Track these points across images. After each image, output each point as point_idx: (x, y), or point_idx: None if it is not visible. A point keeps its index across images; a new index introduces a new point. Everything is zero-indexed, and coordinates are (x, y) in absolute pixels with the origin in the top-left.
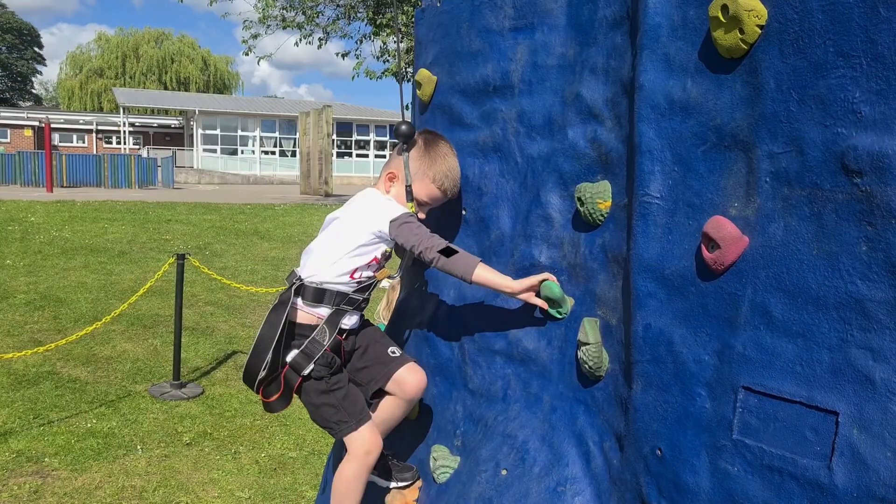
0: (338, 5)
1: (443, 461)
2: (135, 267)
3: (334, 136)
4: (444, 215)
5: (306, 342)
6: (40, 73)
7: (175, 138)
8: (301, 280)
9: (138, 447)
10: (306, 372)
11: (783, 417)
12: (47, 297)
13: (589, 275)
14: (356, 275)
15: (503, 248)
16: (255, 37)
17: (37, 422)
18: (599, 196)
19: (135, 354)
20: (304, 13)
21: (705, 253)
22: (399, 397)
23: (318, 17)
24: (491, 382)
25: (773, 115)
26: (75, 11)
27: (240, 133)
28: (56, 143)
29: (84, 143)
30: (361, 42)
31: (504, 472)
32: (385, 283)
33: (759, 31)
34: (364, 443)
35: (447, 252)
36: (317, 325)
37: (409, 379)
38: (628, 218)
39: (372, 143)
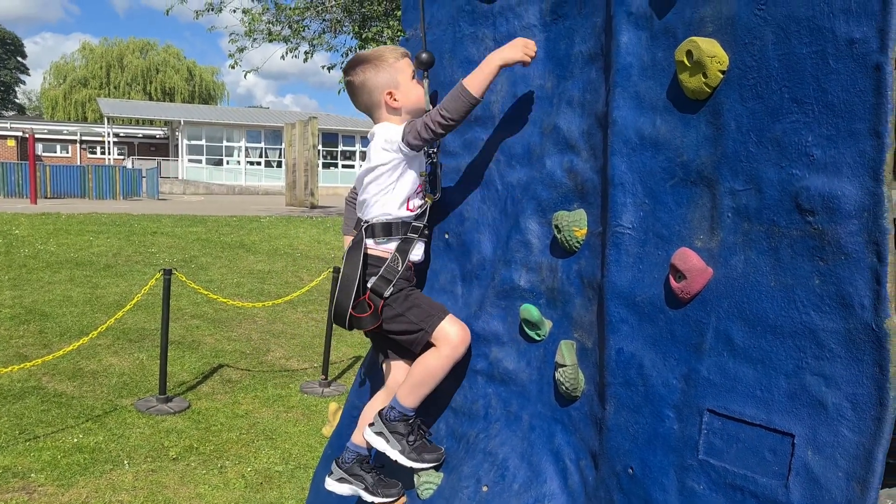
0: (324, 19)
1: (426, 477)
2: (120, 280)
3: (320, 147)
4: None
5: (383, 269)
6: (24, 83)
7: (160, 149)
8: (368, 221)
9: (125, 462)
10: (388, 293)
11: (745, 439)
12: (32, 311)
13: (566, 299)
14: (411, 204)
15: (484, 272)
16: (241, 50)
17: (23, 437)
18: (575, 224)
19: (121, 369)
20: (290, 27)
21: (673, 282)
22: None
23: (304, 30)
24: (473, 401)
25: (734, 154)
26: (59, 20)
27: (225, 143)
28: (40, 154)
29: (68, 153)
30: (347, 55)
31: (485, 489)
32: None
33: (721, 76)
34: (454, 332)
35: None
36: (386, 257)
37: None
38: (602, 246)
39: (358, 154)
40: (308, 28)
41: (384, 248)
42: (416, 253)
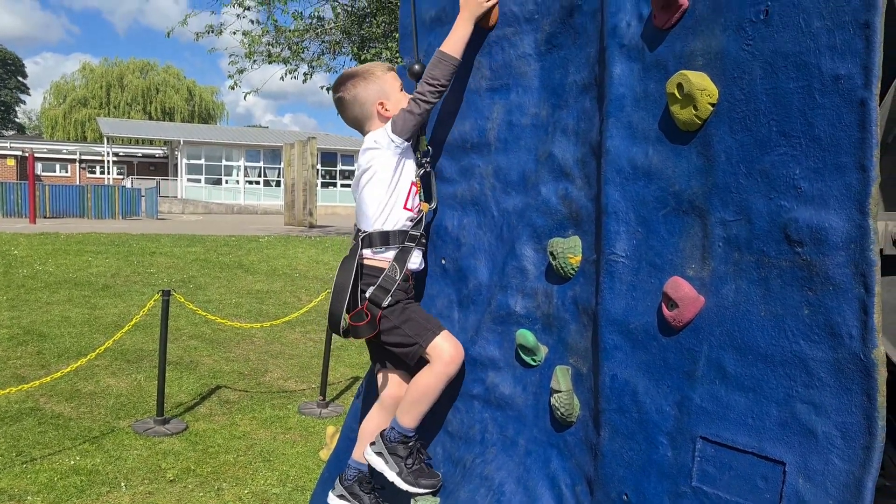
0: (323, 41)
1: (423, 501)
2: (119, 301)
3: (319, 167)
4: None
5: (381, 279)
6: (24, 103)
7: (159, 168)
8: (366, 231)
9: (122, 484)
10: (385, 303)
11: (737, 466)
12: (30, 331)
13: (561, 325)
14: (409, 203)
15: (480, 297)
16: (240, 72)
17: (19, 459)
18: (570, 251)
19: (118, 390)
20: (289, 48)
21: (665, 310)
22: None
23: (303, 52)
24: (469, 426)
25: (724, 185)
26: (60, 41)
27: (224, 163)
28: (39, 173)
29: (67, 172)
30: None
31: None
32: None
33: (711, 109)
34: (447, 349)
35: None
36: (383, 268)
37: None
38: (596, 273)
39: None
40: (307, 50)
41: (382, 258)
42: (414, 261)
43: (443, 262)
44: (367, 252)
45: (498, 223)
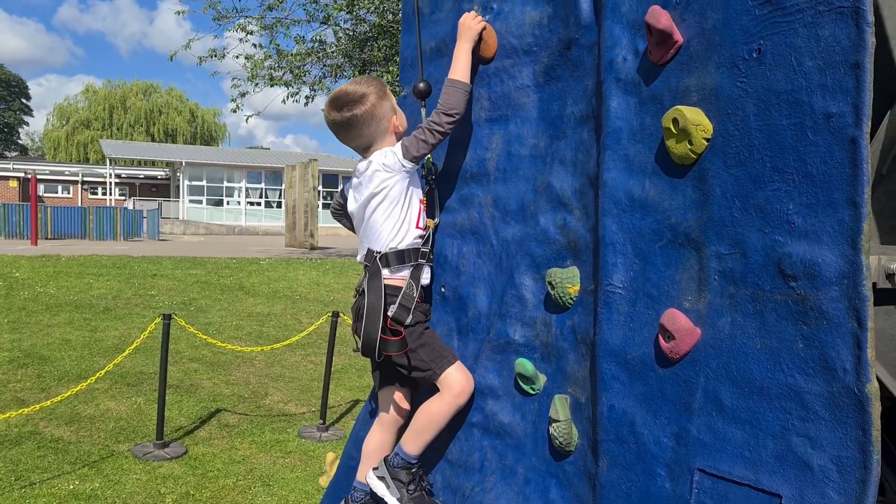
0: (324, 65)
1: None
2: (119, 323)
3: (320, 188)
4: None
5: (400, 297)
6: (27, 124)
7: (161, 189)
8: (380, 252)
9: None
10: (408, 321)
11: (734, 499)
12: (31, 354)
13: (560, 354)
14: (420, 222)
15: (479, 326)
16: (243, 95)
17: (18, 484)
18: (568, 281)
19: (118, 413)
20: (291, 72)
21: (662, 342)
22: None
23: (305, 75)
24: (468, 454)
25: (719, 219)
26: (64, 63)
27: (226, 184)
28: (41, 194)
29: (69, 193)
30: None
31: None
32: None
33: (706, 144)
34: (459, 381)
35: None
36: (401, 287)
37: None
38: (594, 304)
39: None
40: (309, 73)
41: (400, 276)
42: (425, 278)
43: (442, 289)
44: (384, 272)
45: (497, 252)
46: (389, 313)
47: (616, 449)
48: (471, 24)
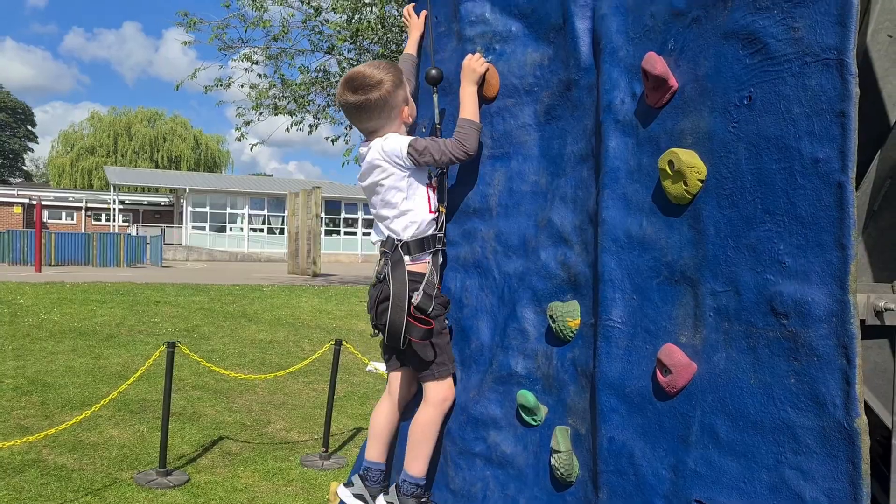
0: (328, 94)
1: None
2: (123, 351)
3: (323, 215)
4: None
5: (423, 285)
6: (32, 151)
7: (164, 215)
8: (401, 239)
9: None
10: (430, 310)
11: None
12: (35, 381)
13: (561, 386)
14: (432, 204)
15: (482, 357)
16: (247, 123)
17: None
18: (569, 315)
19: (121, 441)
20: (295, 101)
21: (660, 376)
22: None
23: (309, 104)
24: (471, 484)
25: (713, 257)
26: (70, 90)
27: (229, 210)
28: (45, 220)
29: (73, 220)
30: (351, 128)
31: None
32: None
33: (700, 185)
34: (444, 390)
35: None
36: (425, 272)
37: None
38: (594, 337)
39: (360, 221)
40: (313, 102)
41: (423, 263)
42: (441, 262)
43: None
44: (406, 258)
45: (499, 286)
46: (414, 301)
47: (616, 480)
48: (475, 66)
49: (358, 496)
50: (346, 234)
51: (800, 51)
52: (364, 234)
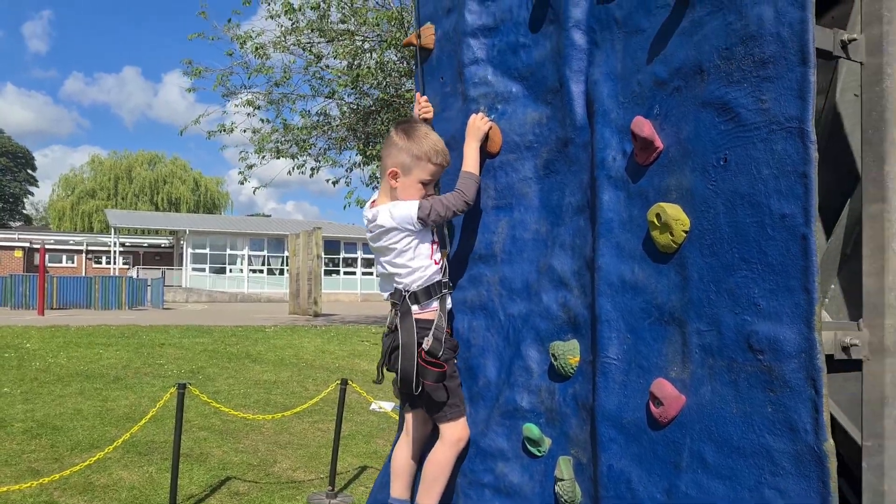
0: (329, 137)
1: None
2: (130, 393)
3: (322, 255)
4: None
5: (433, 330)
6: (32, 194)
7: (165, 257)
8: (408, 290)
9: None
10: (441, 353)
11: None
12: (44, 424)
13: (563, 419)
14: (435, 257)
15: (489, 393)
16: (250, 167)
17: None
18: (570, 353)
19: (131, 482)
20: (297, 144)
21: (652, 408)
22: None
23: (310, 148)
24: None
25: (698, 300)
26: (70, 134)
27: (228, 252)
28: (46, 264)
29: (73, 263)
30: (352, 170)
31: None
32: None
33: (685, 235)
34: (459, 430)
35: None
36: (433, 319)
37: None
38: (593, 373)
39: (359, 261)
40: (314, 146)
41: (431, 309)
42: (449, 304)
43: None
44: (414, 308)
45: (504, 326)
46: (425, 347)
47: None
48: (479, 124)
49: None
50: (345, 273)
51: (767, 119)
52: (364, 273)
